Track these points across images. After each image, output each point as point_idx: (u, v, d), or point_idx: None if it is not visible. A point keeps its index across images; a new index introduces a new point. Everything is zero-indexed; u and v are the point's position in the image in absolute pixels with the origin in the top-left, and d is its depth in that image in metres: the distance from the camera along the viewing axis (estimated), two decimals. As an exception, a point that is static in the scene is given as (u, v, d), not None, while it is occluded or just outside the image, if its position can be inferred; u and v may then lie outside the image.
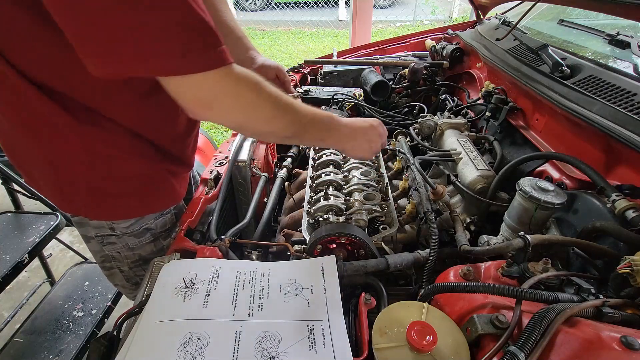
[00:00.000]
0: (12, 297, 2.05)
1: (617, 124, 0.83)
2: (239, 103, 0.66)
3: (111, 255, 0.99)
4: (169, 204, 0.98)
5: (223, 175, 1.12)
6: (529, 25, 1.56)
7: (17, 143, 0.79)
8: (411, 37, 2.12)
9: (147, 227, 0.96)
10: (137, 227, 0.94)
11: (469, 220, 0.99)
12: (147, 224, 0.95)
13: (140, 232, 0.95)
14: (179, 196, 1.00)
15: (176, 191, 0.98)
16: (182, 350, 0.60)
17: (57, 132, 0.72)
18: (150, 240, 0.98)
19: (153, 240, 0.99)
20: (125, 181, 0.85)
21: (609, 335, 0.49)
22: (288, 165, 1.30)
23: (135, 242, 0.96)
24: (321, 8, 7.94)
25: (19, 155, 0.82)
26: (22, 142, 0.77)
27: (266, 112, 0.70)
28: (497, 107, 1.26)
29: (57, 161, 0.78)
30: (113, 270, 1.03)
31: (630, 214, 0.69)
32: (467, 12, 7.33)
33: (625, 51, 1.07)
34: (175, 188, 0.98)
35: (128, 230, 0.93)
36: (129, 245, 0.96)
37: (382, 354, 0.57)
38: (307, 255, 0.85)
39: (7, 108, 0.71)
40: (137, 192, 0.88)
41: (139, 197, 0.89)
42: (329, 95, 1.62)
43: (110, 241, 0.95)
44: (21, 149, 0.80)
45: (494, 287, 0.59)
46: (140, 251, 0.99)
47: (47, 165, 0.79)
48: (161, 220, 0.98)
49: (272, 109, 0.70)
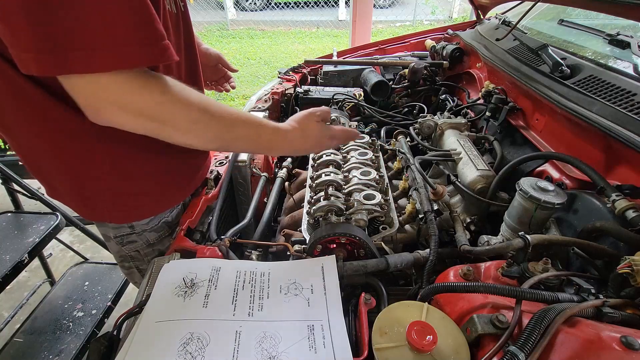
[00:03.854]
0: (12, 297, 2.05)
1: (617, 124, 0.83)
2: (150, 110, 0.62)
3: (129, 255, 0.99)
4: (186, 195, 0.99)
5: (223, 175, 1.12)
6: (529, 25, 1.56)
7: (37, 154, 0.78)
8: (411, 37, 2.12)
9: (165, 220, 0.96)
10: (156, 222, 0.94)
11: (469, 220, 0.99)
12: (165, 217, 0.96)
13: (159, 226, 0.95)
14: (194, 186, 1.01)
15: (193, 181, 0.99)
16: (182, 350, 0.60)
17: (74, 137, 0.72)
18: (169, 234, 0.99)
19: (171, 234, 0.99)
20: (145, 179, 0.85)
21: (609, 335, 0.49)
22: (288, 165, 1.30)
23: (155, 237, 0.97)
24: (321, 8, 7.94)
25: (40, 167, 0.81)
26: (42, 151, 0.76)
27: (180, 126, 0.65)
28: (497, 107, 1.26)
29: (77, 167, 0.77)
30: (132, 270, 1.04)
31: (630, 214, 0.69)
32: (467, 12, 7.34)
33: (625, 51, 1.07)
34: (192, 178, 0.98)
35: (148, 226, 0.93)
36: (149, 241, 0.97)
37: (382, 354, 0.57)
38: (307, 255, 0.85)
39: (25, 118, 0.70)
40: (157, 188, 0.89)
41: (158, 193, 0.90)
42: (329, 95, 1.62)
43: (130, 240, 0.95)
44: (41, 159, 0.79)
45: (494, 287, 0.59)
46: (160, 246, 0.99)
47: (67, 172, 0.79)
48: (176, 212, 1.00)
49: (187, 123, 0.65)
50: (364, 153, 1.12)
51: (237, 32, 7.56)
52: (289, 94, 1.67)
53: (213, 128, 0.69)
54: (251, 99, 1.67)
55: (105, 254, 1.98)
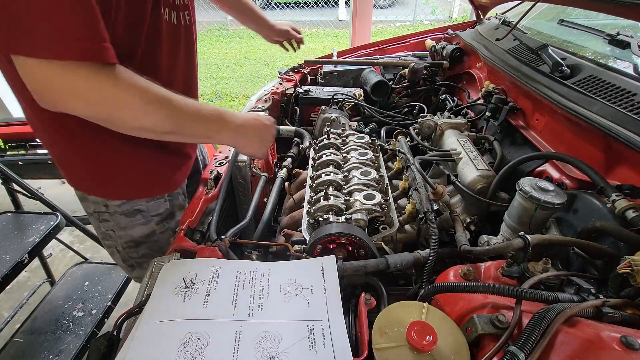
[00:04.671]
0: (12, 297, 2.05)
1: (617, 124, 0.83)
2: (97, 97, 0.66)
3: (108, 234, 1.05)
4: (162, 191, 1.03)
5: (223, 175, 1.13)
6: (529, 25, 1.56)
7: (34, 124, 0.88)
8: (411, 37, 2.12)
9: (138, 208, 1.00)
10: (128, 207, 0.99)
11: (469, 220, 0.99)
12: (138, 205, 1.00)
13: (131, 212, 1.00)
14: (174, 185, 1.06)
15: (171, 180, 1.04)
16: (182, 350, 0.60)
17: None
18: (142, 223, 1.02)
19: (145, 223, 1.02)
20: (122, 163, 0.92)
21: (609, 335, 0.49)
22: (288, 165, 1.30)
23: (126, 222, 1.01)
24: (321, 8, 7.94)
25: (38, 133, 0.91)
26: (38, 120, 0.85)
27: (134, 107, 0.69)
28: (497, 107, 1.26)
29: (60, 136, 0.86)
30: (112, 250, 1.10)
31: (630, 214, 0.69)
32: (467, 12, 7.33)
33: (625, 51, 1.07)
34: (170, 176, 1.04)
35: (120, 209, 0.99)
36: (120, 224, 1.01)
37: (382, 354, 0.57)
38: (307, 255, 0.85)
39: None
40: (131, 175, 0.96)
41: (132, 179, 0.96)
42: (329, 95, 1.62)
43: (104, 218, 1.01)
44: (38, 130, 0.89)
45: (494, 287, 0.59)
46: (132, 232, 1.03)
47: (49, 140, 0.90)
48: (153, 204, 1.03)
49: (141, 103, 0.69)
50: (364, 153, 1.12)
51: (237, 32, 7.56)
52: (289, 94, 1.67)
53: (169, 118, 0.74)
54: (251, 99, 1.67)
55: (105, 254, 1.97)
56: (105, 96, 0.67)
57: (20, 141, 2.32)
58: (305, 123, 1.69)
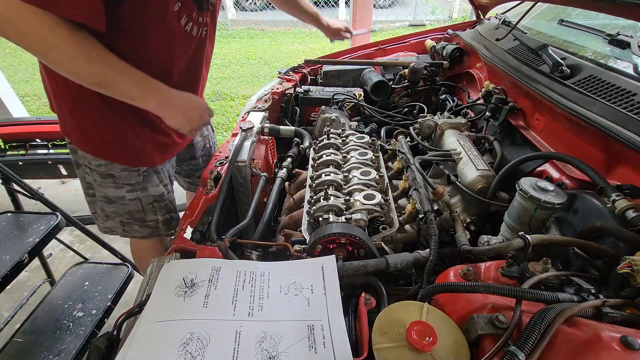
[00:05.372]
0: (12, 297, 2.05)
1: (617, 124, 0.83)
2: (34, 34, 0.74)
3: (90, 183, 1.20)
4: (135, 163, 1.15)
5: (223, 175, 1.12)
6: (529, 25, 1.56)
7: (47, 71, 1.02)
8: (411, 37, 2.12)
9: (111, 173, 1.15)
10: (103, 170, 1.14)
11: (469, 220, 0.99)
12: (112, 171, 1.14)
13: (105, 174, 1.15)
14: (150, 162, 1.18)
15: (147, 155, 1.15)
16: (182, 350, 0.60)
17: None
18: (113, 186, 1.18)
19: (116, 187, 1.18)
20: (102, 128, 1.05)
21: (609, 335, 0.49)
22: (288, 165, 1.30)
23: (100, 181, 1.17)
24: (321, 8, 7.93)
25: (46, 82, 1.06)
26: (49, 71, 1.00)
27: (66, 52, 0.77)
28: (497, 107, 1.26)
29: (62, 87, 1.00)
30: (94, 198, 1.24)
31: (630, 214, 0.69)
32: (467, 12, 7.33)
33: (625, 51, 1.07)
34: (149, 152, 1.15)
35: (97, 168, 1.14)
36: (96, 180, 1.17)
37: (382, 354, 0.57)
38: (307, 255, 0.85)
39: None
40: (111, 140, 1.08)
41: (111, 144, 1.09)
42: (329, 95, 1.62)
43: (87, 172, 1.17)
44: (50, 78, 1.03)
45: (494, 287, 0.59)
46: (106, 191, 1.19)
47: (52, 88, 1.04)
48: (126, 174, 1.16)
49: (73, 51, 0.78)
50: (364, 153, 1.12)
51: (237, 32, 7.56)
52: (289, 94, 1.68)
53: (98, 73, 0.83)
54: (251, 99, 1.67)
55: (105, 254, 1.97)
56: (40, 38, 0.74)
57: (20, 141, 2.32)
58: (305, 123, 1.69)
